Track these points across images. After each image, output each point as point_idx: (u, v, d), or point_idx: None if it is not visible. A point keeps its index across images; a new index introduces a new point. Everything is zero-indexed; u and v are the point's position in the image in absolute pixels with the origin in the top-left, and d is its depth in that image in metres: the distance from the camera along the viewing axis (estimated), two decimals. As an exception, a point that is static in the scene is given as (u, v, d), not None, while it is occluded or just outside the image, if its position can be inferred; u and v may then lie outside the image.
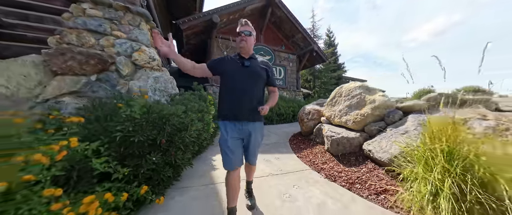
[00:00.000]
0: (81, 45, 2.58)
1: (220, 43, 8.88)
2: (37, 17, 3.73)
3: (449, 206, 1.21)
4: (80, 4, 2.83)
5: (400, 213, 1.50)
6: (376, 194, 1.74)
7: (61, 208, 0.92)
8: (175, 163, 1.70)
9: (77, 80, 2.37)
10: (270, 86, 1.56)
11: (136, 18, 3.14)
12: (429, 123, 1.61)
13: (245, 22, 1.43)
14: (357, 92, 2.93)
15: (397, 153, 1.91)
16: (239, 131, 1.36)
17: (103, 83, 2.51)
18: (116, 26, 2.93)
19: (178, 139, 1.71)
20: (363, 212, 1.53)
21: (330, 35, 17.25)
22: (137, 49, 2.83)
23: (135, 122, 1.53)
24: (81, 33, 2.63)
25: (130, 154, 1.51)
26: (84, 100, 2.33)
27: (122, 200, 1.20)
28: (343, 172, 2.17)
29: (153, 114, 1.63)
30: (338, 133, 2.65)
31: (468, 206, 1.17)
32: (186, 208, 1.53)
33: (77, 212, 0.95)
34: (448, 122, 1.50)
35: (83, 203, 0.98)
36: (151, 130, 1.60)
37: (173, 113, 1.76)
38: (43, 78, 2.32)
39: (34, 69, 2.29)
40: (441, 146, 1.41)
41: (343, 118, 2.92)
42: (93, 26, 2.74)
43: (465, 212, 1.17)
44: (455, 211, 1.20)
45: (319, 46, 11.16)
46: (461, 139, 1.43)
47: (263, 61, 1.53)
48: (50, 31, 3.82)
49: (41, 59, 2.37)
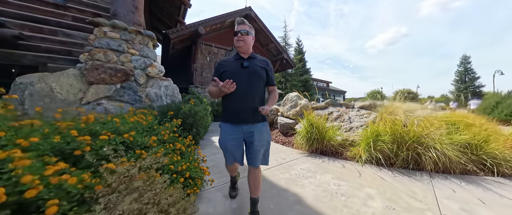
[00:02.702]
0: (107, 61, 3.32)
1: (203, 49, 9.65)
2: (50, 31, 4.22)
3: (304, 141, 3.24)
4: (101, 28, 3.53)
5: (295, 148, 3.29)
6: (291, 145, 3.50)
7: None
8: (198, 133, 3.08)
9: (109, 88, 3.15)
10: (269, 86, 1.47)
11: (145, 39, 3.93)
12: (307, 113, 3.45)
13: (241, 21, 1.33)
14: (294, 98, 4.73)
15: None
16: (241, 132, 1.32)
17: (127, 90, 3.32)
18: (131, 45, 3.70)
19: (200, 123, 3.14)
20: (284, 150, 3.27)
21: (299, 43, 19.13)
22: (150, 64, 3.67)
23: (185, 113, 2.86)
24: (106, 52, 3.36)
25: (185, 128, 2.82)
26: (116, 102, 3.13)
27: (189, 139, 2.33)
28: (283, 139, 3.92)
29: (191, 111, 2.98)
30: (285, 121, 4.32)
31: (312, 141, 3.13)
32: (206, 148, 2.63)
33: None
34: (312, 112, 3.26)
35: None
36: (191, 117, 2.96)
37: (199, 110, 3.17)
38: (82, 86, 3.05)
39: (75, 80, 3.00)
40: (309, 121, 3.19)
41: (288, 112, 4.59)
42: (115, 46, 3.47)
43: (310, 143, 3.15)
44: (306, 142, 3.19)
45: (289, 55, 12.68)
46: (315, 119, 3.23)
47: (263, 60, 1.43)
48: (62, 43, 4.33)
49: (78, 72, 3.07)
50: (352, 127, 3.46)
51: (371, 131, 2.77)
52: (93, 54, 3.29)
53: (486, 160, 2.38)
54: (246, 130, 1.31)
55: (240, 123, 1.30)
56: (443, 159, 2.32)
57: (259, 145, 1.31)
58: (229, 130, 1.33)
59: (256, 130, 1.31)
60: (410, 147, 2.51)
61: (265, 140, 1.34)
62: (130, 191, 0.94)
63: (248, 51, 1.36)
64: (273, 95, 1.44)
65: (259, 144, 1.31)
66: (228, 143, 1.32)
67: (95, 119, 1.65)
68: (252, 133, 1.30)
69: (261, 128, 1.33)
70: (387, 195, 1.84)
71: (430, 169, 2.35)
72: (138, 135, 1.63)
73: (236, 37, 1.31)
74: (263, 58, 1.45)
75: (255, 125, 1.32)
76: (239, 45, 1.31)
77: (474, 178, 2.27)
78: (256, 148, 1.30)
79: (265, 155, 1.37)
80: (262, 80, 1.36)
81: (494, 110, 8.04)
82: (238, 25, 1.33)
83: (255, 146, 1.30)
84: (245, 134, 1.32)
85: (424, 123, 2.67)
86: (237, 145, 1.34)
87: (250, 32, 1.34)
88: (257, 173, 1.37)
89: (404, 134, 2.60)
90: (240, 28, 1.32)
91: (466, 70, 33.14)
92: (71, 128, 1.35)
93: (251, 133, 1.31)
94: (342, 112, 3.91)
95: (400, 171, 2.43)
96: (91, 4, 4.74)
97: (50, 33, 4.25)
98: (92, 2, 4.76)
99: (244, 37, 1.30)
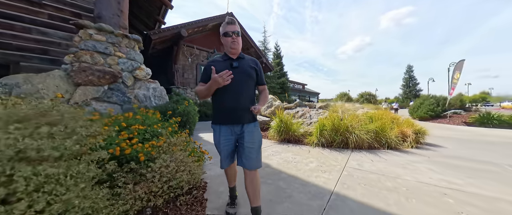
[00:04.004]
0: (95, 63, 3.37)
1: (185, 51, 9.64)
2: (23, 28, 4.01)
3: (276, 133, 4.18)
4: (87, 30, 3.54)
5: (269, 139, 4.00)
6: (266, 137, 4.17)
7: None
8: (190, 130, 3.34)
9: (97, 89, 3.22)
10: (259, 85, 1.44)
11: (131, 42, 4.01)
12: (279, 112, 4.12)
13: (232, 21, 1.28)
14: (270, 100, 5.49)
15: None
16: (233, 132, 1.31)
17: (115, 92, 3.41)
18: (117, 49, 3.77)
19: (191, 120, 3.45)
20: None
21: (278, 48, 20.07)
22: (138, 67, 3.79)
23: (180, 112, 3.17)
24: (93, 54, 3.40)
25: (180, 125, 3.09)
26: (104, 103, 3.22)
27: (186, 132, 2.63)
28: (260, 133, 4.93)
29: (185, 110, 3.29)
30: (262, 118, 5.02)
31: (281, 133, 4.11)
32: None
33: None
34: (283, 112, 3.92)
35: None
36: (185, 116, 3.26)
37: (191, 109, 3.50)
38: (68, 88, 3.07)
39: (61, 81, 3.01)
40: (280, 118, 3.89)
41: (265, 112, 5.34)
42: (101, 49, 3.52)
43: (280, 134, 4.14)
44: (277, 134, 4.14)
45: (268, 59, 13.38)
46: (285, 116, 3.92)
47: (252, 60, 1.40)
48: (37, 41, 4.14)
49: (64, 73, 3.08)
50: (311, 122, 4.55)
51: (319, 124, 3.88)
52: (79, 56, 3.31)
53: (382, 140, 3.72)
54: (238, 130, 1.30)
55: (231, 123, 1.30)
56: (359, 140, 3.57)
57: (251, 145, 1.29)
58: (221, 131, 1.31)
59: (247, 130, 1.30)
60: (342, 133, 3.71)
61: (257, 139, 1.32)
62: (171, 155, 1.66)
63: (238, 52, 1.34)
64: (264, 95, 1.45)
65: (251, 144, 1.29)
66: (222, 143, 1.31)
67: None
68: (243, 133, 1.29)
69: (252, 128, 1.32)
70: (321, 161, 2.94)
71: (352, 146, 3.58)
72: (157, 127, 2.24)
73: (230, 39, 1.27)
74: (251, 58, 1.43)
75: (246, 125, 1.30)
76: (234, 47, 1.29)
77: (375, 150, 3.56)
78: (248, 148, 1.28)
79: (257, 156, 1.31)
80: (252, 80, 1.35)
81: (418, 109, 10.36)
82: (228, 25, 1.27)
83: (247, 146, 1.27)
84: (237, 135, 1.31)
85: (352, 117, 4.01)
86: (230, 146, 1.33)
87: (240, 32, 1.32)
88: (255, 177, 1.29)
89: (339, 125, 3.81)
90: (233, 28, 1.27)
91: (410, 77, 41.02)
92: (114, 122, 1.90)
93: (242, 133, 1.30)
94: (306, 111, 5.03)
95: (335, 149, 3.62)
96: (69, 3, 4.56)
97: (23, 31, 4.00)
98: (70, 1, 4.58)
99: (237, 39, 1.28)
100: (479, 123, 7.54)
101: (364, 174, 2.38)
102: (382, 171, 2.48)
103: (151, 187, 1.34)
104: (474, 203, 1.67)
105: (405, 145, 3.82)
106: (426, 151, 3.61)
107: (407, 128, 4.15)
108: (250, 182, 1.29)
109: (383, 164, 2.78)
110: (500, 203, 1.69)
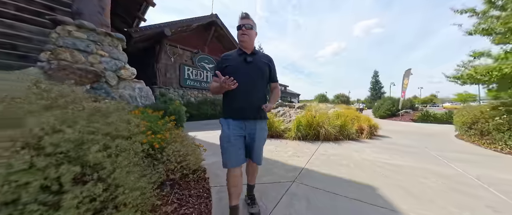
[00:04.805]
0: (75, 62, 3.21)
1: (168, 50, 9.36)
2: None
3: None
4: (65, 27, 3.34)
5: None
6: None
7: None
8: (181, 126, 3.45)
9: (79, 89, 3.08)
10: (272, 82, 1.42)
11: (114, 41, 3.88)
12: None
13: (245, 15, 1.28)
14: None
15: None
16: (243, 129, 1.27)
17: (98, 91, 3.30)
18: (100, 47, 3.62)
19: (181, 119, 3.52)
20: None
21: (261, 49, 20.43)
22: (122, 67, 3.68)
23: (171, 111, 3.32)
24: (73, 52, 3.24)
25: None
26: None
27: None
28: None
29: (176, 109, 3.45)
30: None
31: None
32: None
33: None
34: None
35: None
36: (176, 115, 3.31)
37: (181, 109, 3.58)
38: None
39: (38, 79, 2.83)
40: None
41: None
42: (82, 47, 3.36)
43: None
44: None
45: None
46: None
47: (265, 56, 1.39)
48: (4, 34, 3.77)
49: (41, 71, 2.89)
50: (291, 120, 5.13)
51: (297, 121, 4.54)
52: (57, 54, 3.13)
53: (345, 133, 4.53)
54: (249, 126, 1.28)
55: (243, 118, 1.27)
56: (328, 133, 4.33)
57: (263, 142, 1.33)
58: (232, 125, 1.25)
59: (258, 126, 1.29)
60: (315, 128, 4.42)
61: (264, 137, 1.35)
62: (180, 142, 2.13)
63: (251, 47, 1.31)
64: (275, 92, 1.42)
65: (262, 140, 1.32)
66: (232, 137, 1.23)
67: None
68: (256, 130, 1.28)
69: (265, 125, 1.35)
70: (297, 149, 3.63)
71: (322, 139, 4.34)
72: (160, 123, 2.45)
73: (240, 31, 1.27)
74: (265, 54, 1.43)
75: (257, 121, 1.29)
76: (243, 39, 1.27)
77: (340, 141, 4.39)
78: (258, 144, 1.30)
79: (262, 151, 1.37)
80: (265, 76, 1.33)
81: (379, 109, 12.30)
82: (241, 19, 1.28)
83: (257, 143, 1.29)
84: (248, 130, 1.28)
85: (323, 115, 4.76)
86: (241, 141, 1.27)
87: (254, 27, 1.29)
88: (257, 168, 1.48)
89: (312, 121, 4.51)
90: (244, 22, 1.26)
91: (376, 81, 46.73)
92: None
93: (255, 129, 1.28)
94: (286, 110, 5.67)
95: (309, 141, 4.35)
96: (40, -5, 4.18)
97: (-16, 23, 3.57)
98: (41, -7, 4.20)
99: (248, 31, 1.26)
100: (421, 119, 9.26)
101: (327, 157, 3.14)
102: (341, 154, 3.30)
103: (169, 166, 1.80)
104: (388, 168, 2.57)
105: (362, 136, 4.77)
106: (376, 140, 4.58)
107: (365, 123, 5.06)
108: (252, 168, 1.48)
109: (342, 150, 3.62)
110: (404, 168, 2.59)
